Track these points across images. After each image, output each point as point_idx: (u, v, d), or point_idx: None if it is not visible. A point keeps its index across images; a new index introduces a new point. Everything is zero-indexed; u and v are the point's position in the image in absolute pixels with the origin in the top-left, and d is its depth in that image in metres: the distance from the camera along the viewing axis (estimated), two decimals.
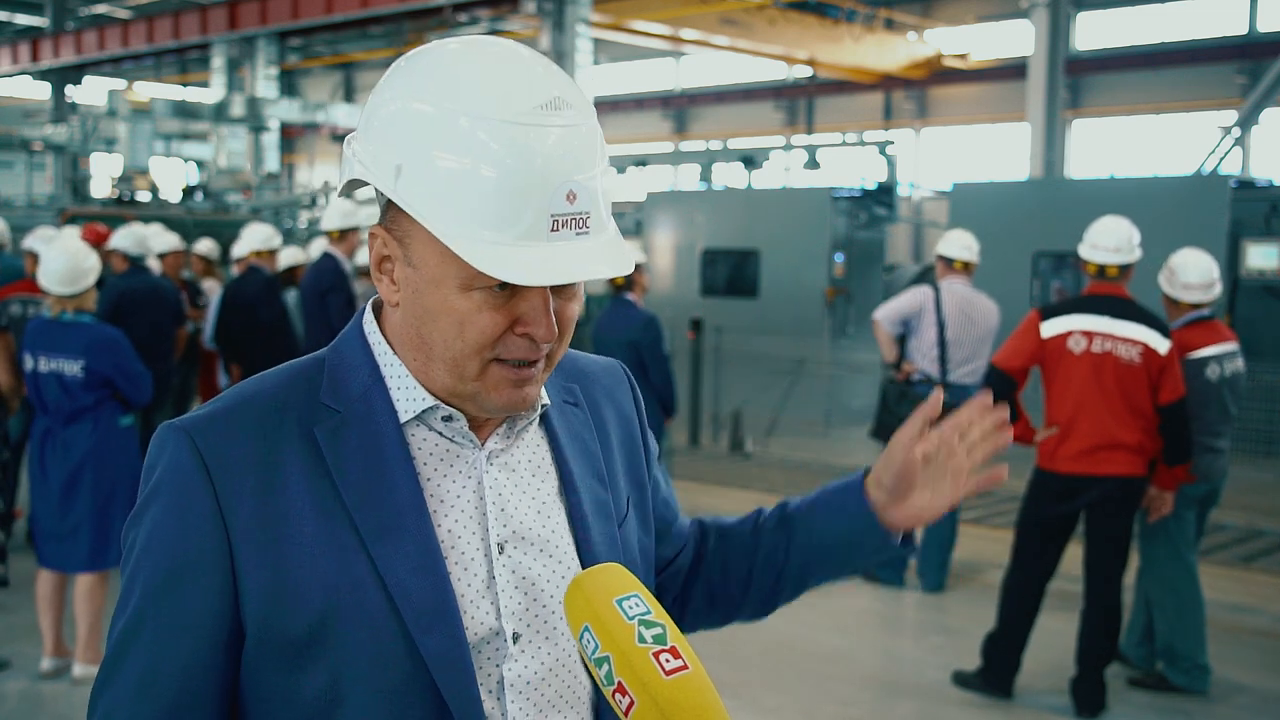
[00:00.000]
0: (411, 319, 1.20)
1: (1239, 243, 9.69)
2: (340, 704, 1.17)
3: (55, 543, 4.96)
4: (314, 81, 36.42)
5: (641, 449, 1.46)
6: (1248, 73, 21.93)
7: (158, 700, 1.17)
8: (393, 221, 1.19)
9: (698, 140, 29.61)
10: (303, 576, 1.16)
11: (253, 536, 1.16)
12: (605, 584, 1.14)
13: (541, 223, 1.11)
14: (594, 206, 1.15)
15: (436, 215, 1.12)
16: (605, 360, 1.49)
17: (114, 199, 17.19)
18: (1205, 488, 5.24)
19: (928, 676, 5.37)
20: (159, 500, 1.19)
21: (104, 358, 4.89)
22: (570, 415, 1.35)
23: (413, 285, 1.18)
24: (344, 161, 1.24)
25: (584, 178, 1.14)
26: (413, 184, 1.14)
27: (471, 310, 1.15)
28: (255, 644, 1.18)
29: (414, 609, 1.17)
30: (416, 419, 1.24)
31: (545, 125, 1.12)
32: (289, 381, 1.25)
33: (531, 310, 1.16)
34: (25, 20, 29.45)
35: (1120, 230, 4.96)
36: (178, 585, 1.17)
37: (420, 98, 1.15)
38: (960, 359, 6.52)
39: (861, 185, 12.98)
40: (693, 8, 19.47)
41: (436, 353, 1.19)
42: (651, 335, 6.15)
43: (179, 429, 1.20)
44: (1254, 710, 5.09)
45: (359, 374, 1.24)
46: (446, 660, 1.17)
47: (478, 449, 1.26)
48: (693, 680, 1.07)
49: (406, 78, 1.18)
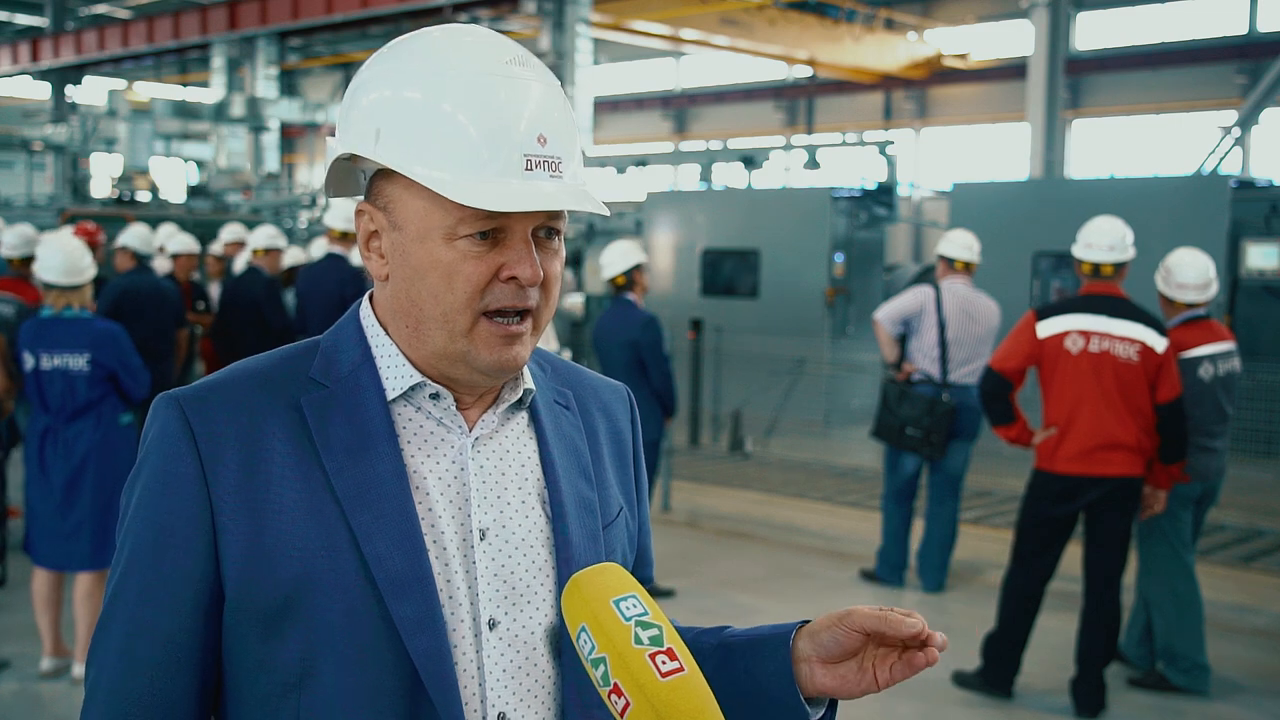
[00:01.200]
0: (401, 284, 1.23)
1: (1239, 243, 9.69)
2: (314, 673, 1.18)
3: (56, 541, 4.96)
4: (314, 81, 36.43)
5: (632, 470, 1.45)
6: (1248, 73, 21.92)
7: (141, 661, 1.20)
8: (376, 193, 1.25)
9: (698, 140, 29.60)
10: (280, 542, 1.18)
11: (234, 503, 1.19)
12: (603, 584, 1.14)
13: (515, 162, 1.17)
14: (565, 154, 1.20)
15: (416, 162, 1.17)
16: (610, 380, 1.49)
17: (114, 199, 17.19)
18: (1201, 487, 5.24)
19: (928, 676, 5.36)
20: (147, 465, 1.23)
21: (108, 351, 4.95)
22: (560, 415, 1.37)
23: (399, 248, 1.22)
24: (327, 154, 1.29)
25: (552, 123, 1.20)
26: (391, 140, 1.19)
27: (457, 260, 1.19)
28: (233, 610, 1.20)
29: (388, 577, 1.18)
30: (403, 398, 1.26)
31: (514, 77, 1.19)
32: (282, 359, 1.29)
33: (515, 254, 1.19)
34: (25, 20, 29.45)
35: (1114, 229, 4.96)
36: (161, 549, 1.20)
37: (393, 76, 1.22)
38: (961, 359, 6.52)
39: (861, 185, 12.97)
40: (693, 8, 19.47)
41: (427, 311, 1.22)
42: (651, 335, 6.15)
43: (171, 398, 1.24)
44: (1254, 710, 5.09)
45: (350, 354, 1.28)
46: (418, 626, 1.18)
47: (464, 434, 1.27)
48: (689, 682, 1.07)
49: (376, 66, 1.25)
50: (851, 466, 9.88)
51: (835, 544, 7.66)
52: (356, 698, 1.18)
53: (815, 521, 8.22)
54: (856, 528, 7.99)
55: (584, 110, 17.21)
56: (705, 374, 10.98)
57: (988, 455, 8.30)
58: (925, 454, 6.50)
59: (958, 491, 6.66)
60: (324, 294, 6.80)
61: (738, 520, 8.25)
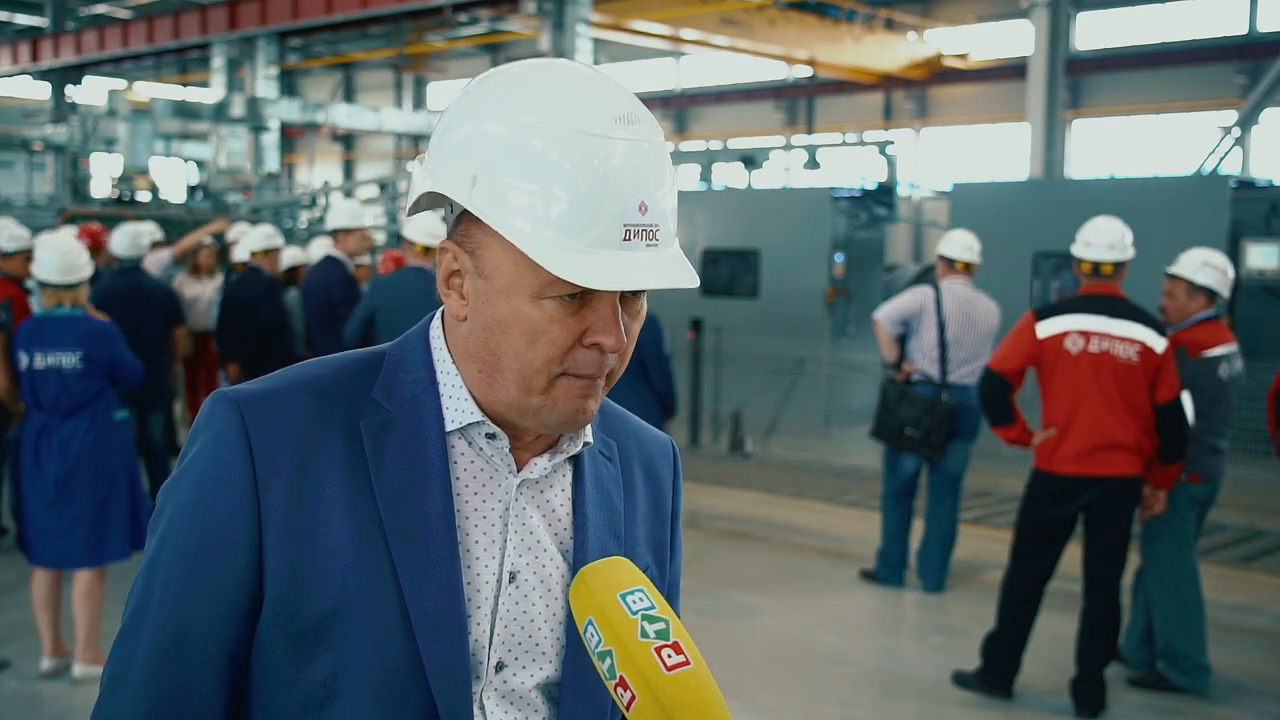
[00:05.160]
0: (480, 331, 1.20)
1: (1239, 243, 9.70)
2: (337, 697, 1.18)
3: (51, 539, 4.94)
4: (314, 81, 36.43)
5: (668, 529, 1.43)
6: (1248, 73, 21.93)
7: (174, 663, 1.19)
8: (463, 234, 1.20)
9: (698, 140, 29.60)
10: (323, 564, 1.17)
11: (282, 517, 1.18)
12: (610, 577, 1.14)
13: (615, 231, 1.12)
14: (664, 220, 1.16)
15: (514, 219, 1.13)
16: (658, 432, 1.46)
17: (114, 199, 17.19)
18: (1209, 488, 5.24)
19: (928, 676, 5.36)
20: (198, 467, 1.20)
21: (100, 347, 4.96)
22: (601, 467, 1.34)
23: (483, 295, 1.18)
24: (414, 181, 1.24)
25: (656, 190, 1.15)
26: (489, 190, 1.14)
27: (543, 320, 1.16)
28: (268, 625, 1.19)
29: (423, 615, 1.17)
30: (459, 431, 1.24)
31: (620, 139, 1.14)
32: (345, 371, 1.26)
33: (601, 320, 1.17)
34: (25, 20, 29.44)
35: (1114, 229, 4.97)
36: (206, 554, 1.18)
37: (493, 117, 1.16)
38: (960, 359, 6.53)
39: (861, 185, 12.98)
40: (693, 8, 19.47)
41: (505, 364, 1.19)
42: (651, 335, 6.15)
43: (230, 400, 1.21)
44: (1254, 710, 5.09)
45: (414, 376, 1.25)
46: (446, 669, 1.18)
47: (512, 474, 1.26)
48: (694, 676, 1.07)
49: (477, 99, 1.20)
50: (851, 466, 9.88)
51: (835, 544, 7.66)
52: None
53: (815, 521, 8.22)
54: (856, 528, 7.99)
55: None
56: (705, 374, 10.99)
57: (987, 455, 8.31)
58: (925, 454, 6.50)
59: (957, 491, 6.66)
60: (323, 302, 6.77)
61: (738, 520, 8.25)
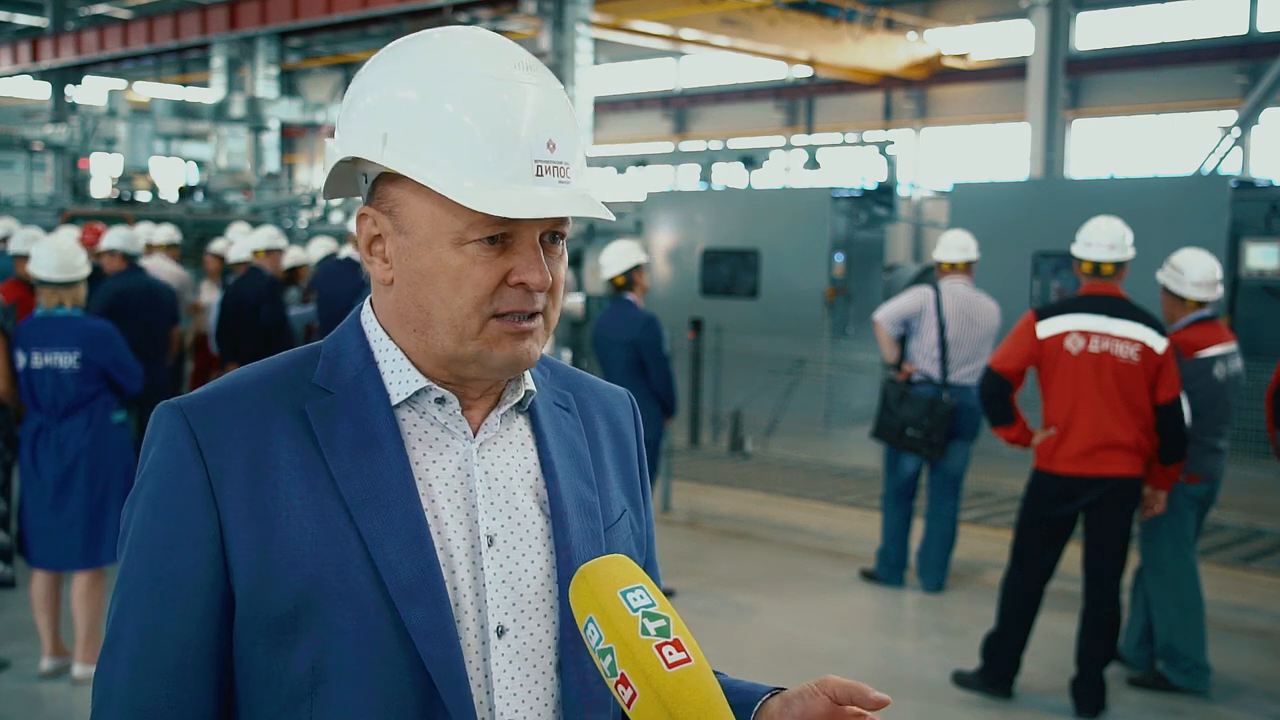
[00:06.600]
0: (407, 289, 1.22)
1: (1239, 243, 9.69)
2: (325, 682, 1.17)
3: (48, 540, 4.94)
4: (314, 81, 36.39)
5: (637, 472, 1.44)
6: (1248, 73, 21.93)
7: (155, 670, 1.19)
8: (379, 197, 1.23)
9: (698, 140, 29.59)
10: (289, 549, 1.17)
11: (242, 512, 1.18)
12: (610, 575, 1.14)
13: (526, 167, 1.17)
14: (573, 158, 1.21)
15: (428, 167, 1.17)
16: (612, 385, 1.49)
17: (114, 199, 17.19)
18: (1208, 487, 5.24)
19: (928, 676, 5.37)
20: (153, 478, 1.21)
21: (99, 349, 4.95)
22: (560, 417, 1.36)
23: (405, 253, 1.21)
24: (327, 156, 1.26)
25: (562, 128, 1.20)
26: (400, 144, 1.18)
27: (465, 264, 1.18)
28: (243, 620, 1.19)
29: (399, 583, 1.17)
30: (407, 403, 1.26)
31: (524, 82, 1.19)
32: (284, 366, 1.28)
33: (524, 260, 1.19)
34: (25, 20, 29.45)
35: (1114, 228, 4.97)
36: (170, 560, 1.19)
37: (397, 78, 1.21)
38: (961, 359, 6.53)
39: (861, 185, 12.97)
40: (693, 8, 19.47)
41: (435, 316, 1.21)
42: (651, 335, 6.15)
43: (175, 408, 1.22)
44: (1254, 710, 5.09)
45: (352, 359, 1.27)
46: (431, 632, 1.17)
47: (468, 439, 1.27)
48: (695, 673, 1.07)
49: (377, 70, 1.24)
50: (851, 466, 9.88)
51: (835, 544, 7.66)
52: (368, 706, 1.17)
53: (815, 521, 8.22)
54: (856, 528, 7.99)
55: (584, 110, 17.21)
56: (705, 374, 10.98)
57: (988, 455, 8.30)
58: (925, 454, 6.50)
59: (958, 491, 6.66)
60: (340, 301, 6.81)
61: (738, 520, 8.25)
